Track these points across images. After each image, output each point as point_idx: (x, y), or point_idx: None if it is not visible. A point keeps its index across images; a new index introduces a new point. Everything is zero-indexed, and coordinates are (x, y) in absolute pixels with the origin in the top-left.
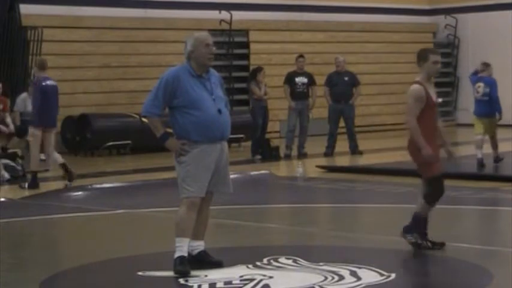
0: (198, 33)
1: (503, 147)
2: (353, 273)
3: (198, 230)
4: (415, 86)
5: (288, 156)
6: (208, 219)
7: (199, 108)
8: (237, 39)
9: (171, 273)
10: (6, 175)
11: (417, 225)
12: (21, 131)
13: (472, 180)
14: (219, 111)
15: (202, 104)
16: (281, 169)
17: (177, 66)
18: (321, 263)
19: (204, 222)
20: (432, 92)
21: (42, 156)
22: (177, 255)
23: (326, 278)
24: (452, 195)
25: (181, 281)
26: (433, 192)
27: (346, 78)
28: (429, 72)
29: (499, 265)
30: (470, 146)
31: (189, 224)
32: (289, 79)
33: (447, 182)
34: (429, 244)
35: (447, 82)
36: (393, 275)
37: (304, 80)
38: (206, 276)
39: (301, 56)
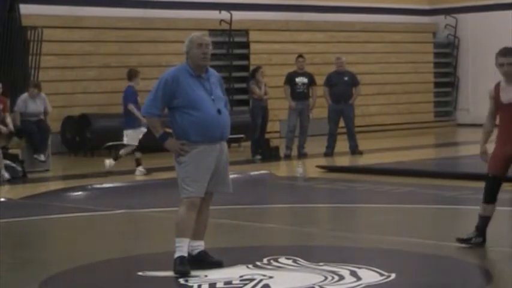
0: (194, 33)
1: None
2: (353, 273)
3: (198, 230)
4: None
5: (288, 156)
6: (208, 219)
7: (199, 109)
8: (237, 39)
9: (171, 273)
10: (7, 175)
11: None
12: (21, 132)
13: (472, 180)
14: (219, 111)
15: (202, 104)
16: (281, 169)
17: (176, 66)
18: (321, 263)
19: (204, 223)
20: (508, 92)
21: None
22: (177, 255)
23: (326, 278)
24: (452, 195)
25: (181, 281)
26: (484, 189)
27: (345, 78)
28: (502, 74)
29: (499, 265)
30: (470, 146)
31: (189, 224)
32: (290, 79)
33: (447, 182)
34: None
35: (447, 82)
36: (393, 275)
37: (305, 80)
38: (206, 276)
39: (301, 56)
